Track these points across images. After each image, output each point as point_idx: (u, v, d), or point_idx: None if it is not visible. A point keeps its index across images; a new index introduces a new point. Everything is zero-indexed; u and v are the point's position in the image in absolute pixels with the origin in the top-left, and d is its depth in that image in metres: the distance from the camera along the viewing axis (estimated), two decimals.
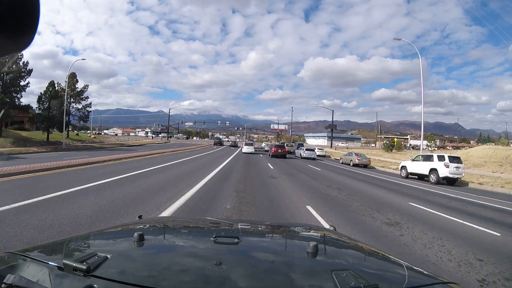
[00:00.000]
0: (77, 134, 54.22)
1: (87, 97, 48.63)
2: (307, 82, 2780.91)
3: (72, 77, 46.66)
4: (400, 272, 1.10)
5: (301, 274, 0.95)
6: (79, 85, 45.22)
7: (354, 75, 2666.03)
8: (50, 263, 0.86)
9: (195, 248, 1.21)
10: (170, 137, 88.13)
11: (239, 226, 1.82)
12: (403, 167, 17.11)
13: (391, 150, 44.65)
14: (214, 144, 49.78)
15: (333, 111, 57.28)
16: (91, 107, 49.44)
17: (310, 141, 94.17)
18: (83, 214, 4.70)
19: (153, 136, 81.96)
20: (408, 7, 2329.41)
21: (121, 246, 1.21)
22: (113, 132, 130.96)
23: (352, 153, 26.38)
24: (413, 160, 16.54)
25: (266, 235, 1.69)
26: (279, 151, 25.90)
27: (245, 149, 29.44)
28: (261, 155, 28.53)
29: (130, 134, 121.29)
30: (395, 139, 65.77)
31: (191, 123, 69.93)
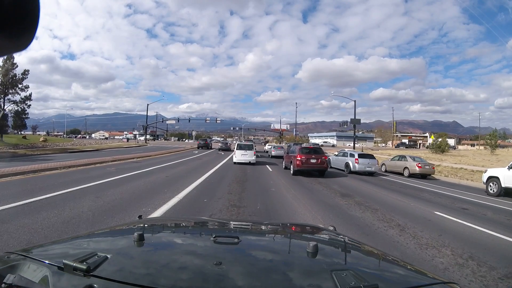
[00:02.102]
0: (24, 137, 45.36)
1: (27, 87, 37.39)
2: (305, 83, 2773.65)
3: (9, 60, 35.14)
4: (400, 272, 1.11)
5: (301, 274, 0.94)
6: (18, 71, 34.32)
7: (352, 75, 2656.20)
8: (50, 263, 0.85)
9: (195, 247, 1.20)
10: (154, 139, 75.62)
11: (239, 226, 1.86)
12: (492, 179, 11.00)
13: (443, 152, 36.73)
14: (198, 147, 36.28)
15: (355, 101, 44.00)
16: (31, 100, 38.49)
17: (316, 142, 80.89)
18: None
19: (136, 138, 69.71)
20: (406, 7, 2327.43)
21: (121, 246, 1.19)
22: (102, 135, 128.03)
23: (405, 157, 17.42)
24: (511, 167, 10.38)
25: (266, 235, 1.63)
26: (313, 161, 12.27)
27: (239, 156, 16.14)
28: (268, 167, 15.62)
29: (116, 137, 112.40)
30: (432, 136, 53.64)
31: (173, 122, 56.77)
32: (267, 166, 16.16)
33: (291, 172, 12.71)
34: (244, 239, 1.28)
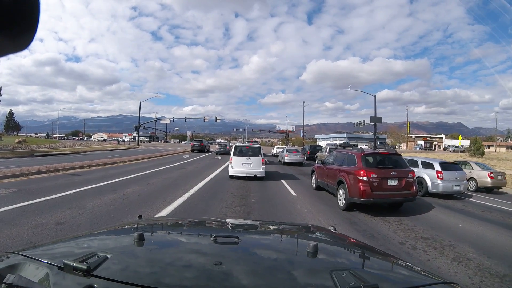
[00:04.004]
0: None
1: None
2: (309, 85, 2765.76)
3: None
4: (400, 272, 1.09)
5: (301, 274, 0.93)
6: None
7: (356, 77, 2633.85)
8: (50, 263, 0.84)
9: (195, 247, 1.18)
10: (150, 141, 70.35)
11: (239, 226, 1.84)
12: None
13: (482, 155, 33.14)
14: (192, 150, 30.23)
15: (375, 96, 38.06)
16: (0, 95, 33.88)
17: (324, 144, 73.88)
18: None
19: (135, 140, 65.17)
20: (411, 8, 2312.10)
21: (121, 245, 1.18)
22: (101, 137, 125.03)
23: (469, 163, 12.57)
24: None
25: (266, 234, 1.60)
26: (392, 183, 5.91)
27: (238, 165, 10.06)
28: (286, 185, 9.92)
29: (114, 138, 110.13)
30: (459, 137, 47.56)
31: (168, 121, 51.14)
32: (284, 182, 10.08)
33: (341, 203, 6.40)
34: (244, 239, 1.25)
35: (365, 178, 5.77)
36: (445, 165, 9.22)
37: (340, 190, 6.41)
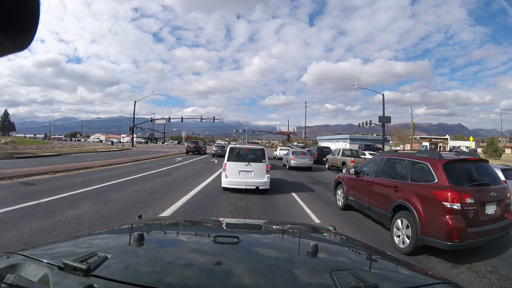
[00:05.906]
0: None
1: None
2: (310, 86, 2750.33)
3: None
4: (400, 271, 1.07)
5: (301, 273, 0.92)
6: None
7: (357, 78, 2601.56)
8: (50, 262, 0.84)
9: (195, 247, 1.19)
10: (147, 142, 67.95)
11: (239, 226, 1.84)
12: None
13: (500, 157, 32.08)
14: (187, 153, 27.79)
15: (383, 94, 35.90)
16: None
17: (336, 145, 71.16)
18: None
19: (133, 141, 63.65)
20: (413, 9, 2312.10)
21: (121, 245, 1.18)
22: (97, 138, 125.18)
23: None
24: None
25: (266, 234, 1.60)
26: (491, 211, 3.39)
27: (234, 174, 7.60)
28: (299, 201, 7.93)
29: (111, 139, 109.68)
30: (471, 138, 45.22)
31: (163, 121, 49.00)
32: (296, 197, 7.68)
33: (399, 242, 3.86)
34: (244, 239, 1.23)
35: (456, 206, 3.28)
36: (508, 173, 6.60)
37: (399, 221, 3.94)
